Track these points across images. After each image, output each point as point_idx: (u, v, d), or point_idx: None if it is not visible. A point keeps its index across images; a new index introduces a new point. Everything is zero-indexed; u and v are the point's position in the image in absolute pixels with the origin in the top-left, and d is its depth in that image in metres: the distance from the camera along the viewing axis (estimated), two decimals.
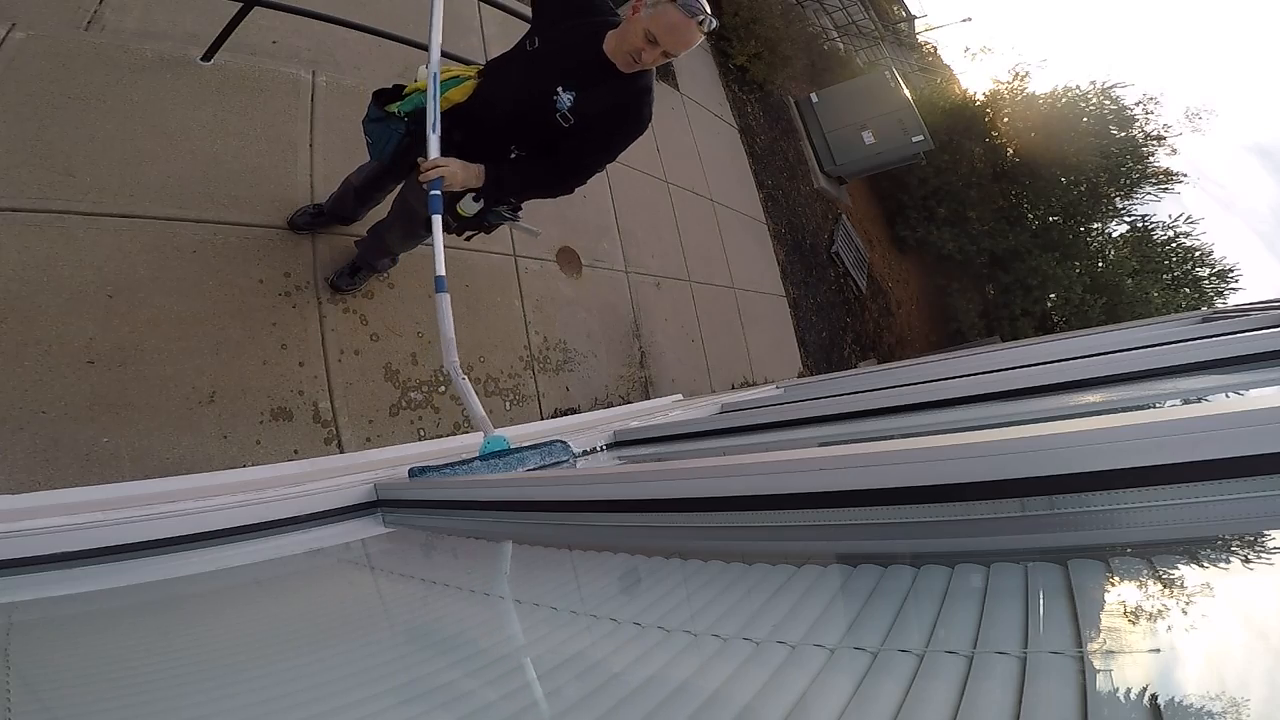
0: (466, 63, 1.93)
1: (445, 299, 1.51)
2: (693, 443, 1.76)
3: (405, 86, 1.74)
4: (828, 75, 9.88)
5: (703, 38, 1.44)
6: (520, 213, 1.86)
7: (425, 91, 1.61)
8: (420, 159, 1.61)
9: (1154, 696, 0.36)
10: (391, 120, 1.70)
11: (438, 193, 1.58)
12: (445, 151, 1.64)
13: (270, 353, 2.15)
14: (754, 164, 6.73)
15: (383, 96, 1.73)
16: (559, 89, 1.51)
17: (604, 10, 1.58)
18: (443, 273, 1.53)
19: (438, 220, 1.59)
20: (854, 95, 8.67)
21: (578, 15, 1.56)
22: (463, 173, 1.58)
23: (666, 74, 5.80)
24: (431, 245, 1.58)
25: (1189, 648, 0.42)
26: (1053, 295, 10.93)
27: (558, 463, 1.37)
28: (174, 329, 1.94)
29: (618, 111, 1.55)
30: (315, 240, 2.36)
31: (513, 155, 1.65)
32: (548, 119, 1.54)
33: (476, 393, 2.81)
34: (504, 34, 3.66)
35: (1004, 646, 0.44)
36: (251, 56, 2.44)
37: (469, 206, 1.77)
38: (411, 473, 1.25)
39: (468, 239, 1.90)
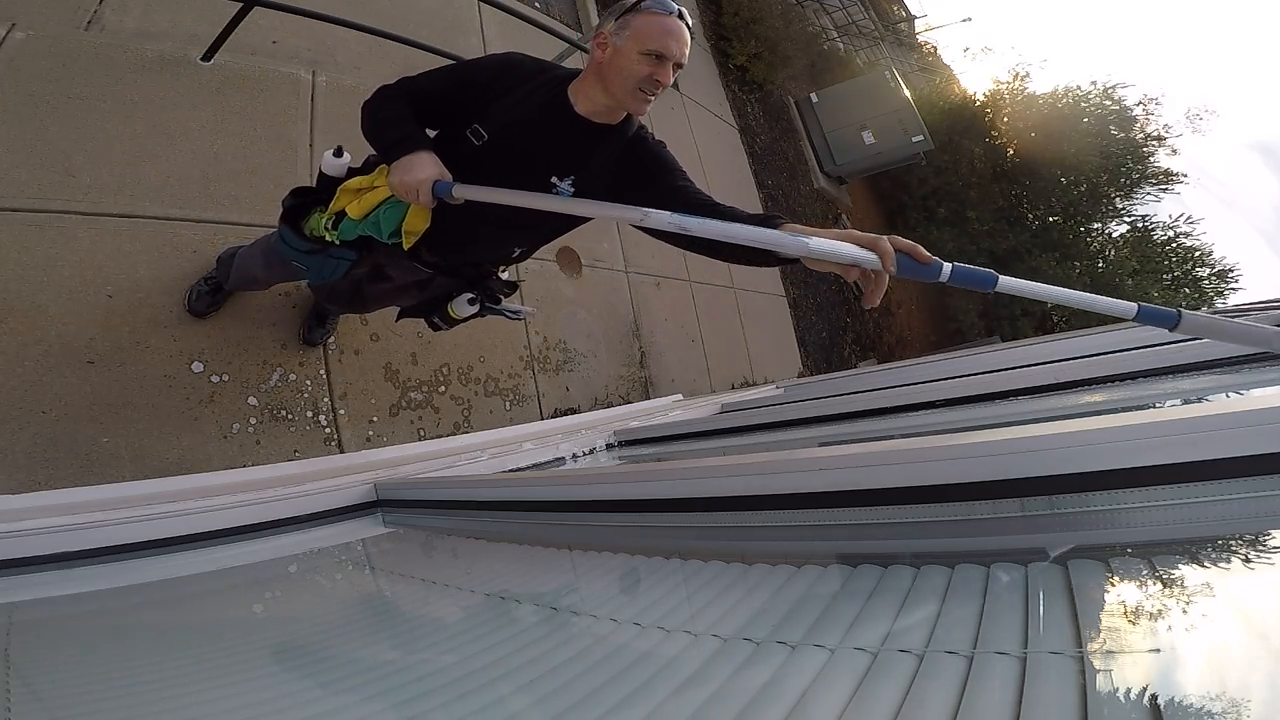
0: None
1: None
2: (693, 443, 1.76)
3: (319, 193, 1.39)
4: (828, 75, 9.87)
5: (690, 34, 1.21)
6: (513, 299, 1.69)
7: (370, 217, 1.30)
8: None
9: (1154, 696, 0.36)
10: (331, 250, 1.39)
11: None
12: (421, 277, 1.47)
13: (270, 352, 2.14)
14: (754, 164, 6.72)
15: (296, 216, 1.39)
16: (553, 179, 1.25)
17: (539, 69, 1.28)
18: None
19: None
20: (854, 95, 8.65)
21: (514, 86, 1.24)
22: (427, 169, 1.17)
23: None
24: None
25: (1189, 648, 0.42)
26: None
27: None
28: (174, 329, 1.94)
29: (630, 163, 1.27)
30: None
31: (516, 255, 1.49)
32: (553, 215, 1.27)
33: (476, 393, 2.82)
34: (504, 35, 3.66)
35: (1004, 646, 0.44)
36: (251, 56, 2.44)
37: (462, 309, 1.57)
38: None
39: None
